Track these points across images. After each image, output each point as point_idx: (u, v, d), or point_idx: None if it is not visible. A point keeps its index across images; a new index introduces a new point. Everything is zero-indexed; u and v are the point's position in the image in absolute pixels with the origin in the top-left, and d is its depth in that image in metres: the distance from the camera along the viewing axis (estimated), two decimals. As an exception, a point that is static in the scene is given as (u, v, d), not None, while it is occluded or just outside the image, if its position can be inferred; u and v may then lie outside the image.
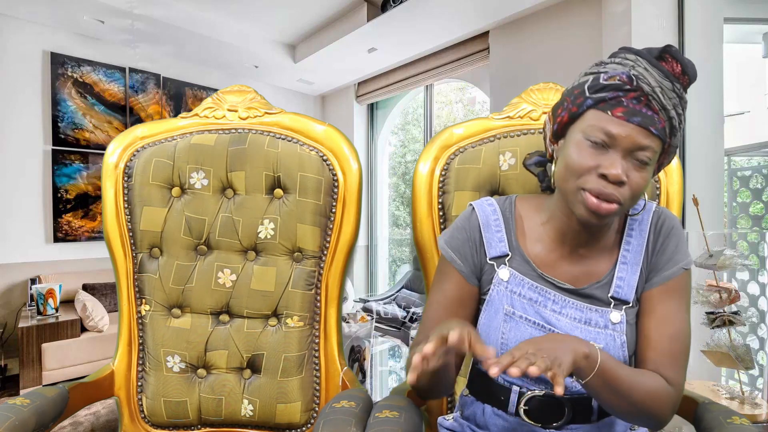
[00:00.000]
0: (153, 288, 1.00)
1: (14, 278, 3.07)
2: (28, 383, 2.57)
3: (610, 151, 0.59)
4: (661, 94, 0.59)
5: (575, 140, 0.62)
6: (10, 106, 3.03)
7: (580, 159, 0.61)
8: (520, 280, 0.70)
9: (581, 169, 0.61)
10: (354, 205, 0.99)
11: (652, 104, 0.58)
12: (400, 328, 3.04)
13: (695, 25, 2.12)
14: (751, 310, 1.86)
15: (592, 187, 0.60)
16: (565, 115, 0.65)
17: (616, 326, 0.66)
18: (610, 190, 0.59)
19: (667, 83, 0.59)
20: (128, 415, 1.02)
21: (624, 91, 0.59)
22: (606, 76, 0.61)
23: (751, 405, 1.27)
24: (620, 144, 0.59)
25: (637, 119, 0.58)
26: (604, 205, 0.59)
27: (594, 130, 0.60)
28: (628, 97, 0.59)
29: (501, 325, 0.69)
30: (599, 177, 0.59)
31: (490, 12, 2.97)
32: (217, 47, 3.59)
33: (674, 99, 0.60)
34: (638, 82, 0.59)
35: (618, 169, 0.58)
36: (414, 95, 4.49)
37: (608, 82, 0.60)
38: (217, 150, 1.00)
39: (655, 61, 0.60)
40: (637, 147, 0.58)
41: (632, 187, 0.59)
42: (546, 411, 0.68)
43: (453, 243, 0.74)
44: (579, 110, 0.63)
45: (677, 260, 0.67)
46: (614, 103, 0.59)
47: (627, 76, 0.59)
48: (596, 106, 0.61)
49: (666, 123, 0.59)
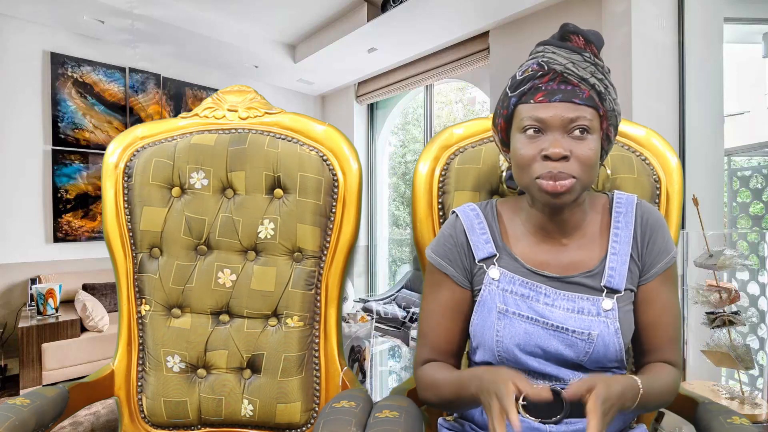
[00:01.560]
0: (153, 288, 1.00)
1: (14, 278, 3.07)
2: (28, 383, 2.57)
3: (547, 134, 0.63)
4: (573, 67, 0.62)
5: (515, 138, 0.67)
6: (10, 106, 3.03)
7: (523, 151, 0.64)
8: (511, 278, 0.70)
9: (527, 159, 0.64)
10: (354, 205, 0.99)
11: (569, 79, 0.62)
12: (400, 328, 3.04)
13: (695, 25, 2.12)
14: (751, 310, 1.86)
15: (541, 173, 0.62)
16: (501, 122, 0.70)
17: (609, 313, 0.67)
18: (558, 169, 0.62)
19: (576, 56, 0.63)
20: (128, 415, 1.02)
21: (538, 78, 0.63)
22: (520, 72, 0.66)
23: (751, 405, 1.27)
24: (551, 124, 0.62)
25: (558, 96, 0.62)
26: (558, 183, 0.62)
27: (525, 121, 0.64)
28: (544, 81, 0.63)
29: (495, 323, 0.69)
30: (543, 159, 0.62)
31: (490, 12, 2.97)
32: (217, 47, 3.59)
33: (589, 68, 0.63)
34: (549, 65, 0.63)
35: (557, 147, 0.61)
36: (414, 95, 4.49)
37: (523, 76, 0.65)
38: (217, 150, 1.00)
39: (559, 42, 0.65)
40: (568, 121, 0.62)
41: (581, 159, 0.62)
42: (544, 406, 0.68)
43: (441, 251, 0.75)
44: (509, 111, 0.67)
45: (668, 251, 0.71)
46: (533, 92, 0.64)
47: (537, 63, 0.64)
48: (520, 101, 0.65)
49: (590, 91, 0.62)
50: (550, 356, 0.68)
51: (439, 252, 0.76)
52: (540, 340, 0.67)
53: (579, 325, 0.67)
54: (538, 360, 0.68)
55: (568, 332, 0.67)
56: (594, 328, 0.66)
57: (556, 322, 0.67)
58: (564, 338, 0.67)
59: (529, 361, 0.68)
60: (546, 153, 0.62)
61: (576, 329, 0.66)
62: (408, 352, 3.05)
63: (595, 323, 0.67)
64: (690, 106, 2.12)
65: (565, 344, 0.67)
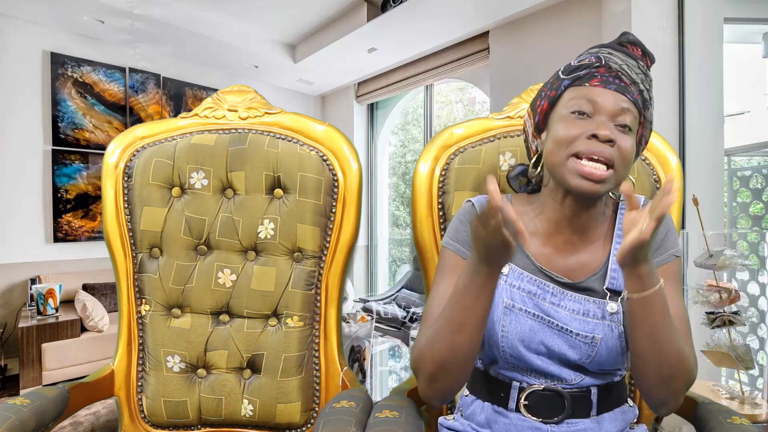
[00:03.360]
0: (153, 288, 1.00)
1: (14, 278, 3.07)
2: (28, 383, 2.57)
3: (595, 117, 0.63)
4: (628, 69, 0.64)
5: (560, 118, 0.66)
6: (10, 106, 3.03)
7: (568, 130, 0.64)
8: (519, 274, 0.70)
9: (570, 138, 0.63)
10: (354, 205, 0.99)
11: (622, 78, 0.64)
12: (400, 328, 3.04)
13: (695, 25, 2.12)
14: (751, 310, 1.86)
15: (582, 149, 0.62)
16: (545, 103, 0.69)
17: (614, 316, 0.67)
18: (601, 148, 0.61)
19: (632, 61, 0.65)
20: (128, 415, 1.02)
21: (595, 68, 0.65)
22: (576, 60, 0.67)
23: (751, 405, 1.27)
24: (603, 108, 0.62)
25: (613, 86, 0.63)
26: (596, 171, 0.61)
27: (575, 101, 0.64)
28: (600, 72, 0.64)
29: (501, 317, 0.69)
30: (589, 138, 0.62)
31: (490, 12, 2.97)
32: (217, 47, 3.59)
33: (640, 75, 0.65)
34: (605, 61, 0.64)
35: (606, 129, 0.61)
36: (414, 95, 4.48)
37: (579, 63, 0.66)
38: (217, 150, 1.00)
39: (617, 46, 0.67)
40: (619, 110, 0.62)
41: (621, 151, 0.62)
42: (546, 406, 0.68)
43: (459, 237, 0.74)
44: (557, 93, 0.67)
45: (667, 247, 0.70)
46: (589, 77, 0.64)
47: (595, 56, 0.66)
48: (572, 84, 0.66)
49: (638, 95, 0.64)
50: (553, 355, 0.68)
51: (458, 239, 0.74)
52: (544, 338, 0.67)
53: (583, 327, 0.66)
54: (542, 358, 0.68)
55: (572, 334, 0.66)
56: (598, 331, 0.66)
57: (561, 322, 0.67)
58: (567, 339, 0.67)
59: (532, 359, 0.68)
60: (594, 132, 0.61)
61: (580, 332, 0.66)
62: (408, 352, 3.05)
63: (600, 326, 0.66)
64: (690, 106, 2.12)
65: (569, 345, 0.67)
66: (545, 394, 0.68)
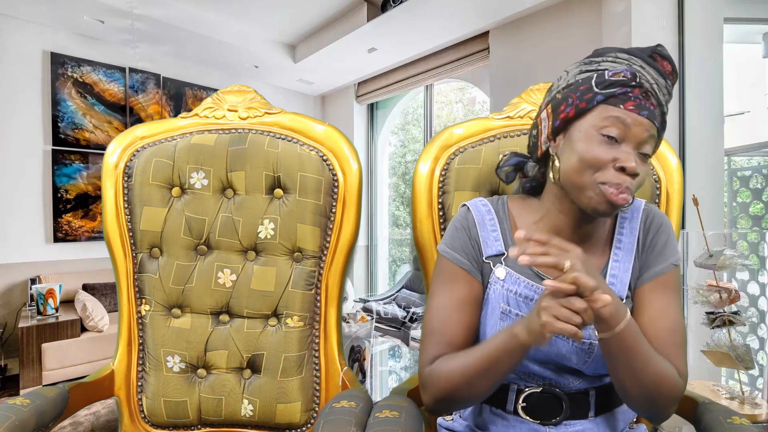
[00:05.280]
0: (153, 288, 1.00)
1: (14, 278, 3.07)
2: (28, 383, 2.57)
3: (622, 145, 0.61)
4: (658, 90, 0.62)
5: (586, 134, 0.63)
6: (10, 106, 3.03)
7: (596, 153, 0.61)
8: (516, 279, 0.70)
9: (599, 163, 0.61)
10: (354, 205, 0.99)
11: (651, 100, 0.61)
12: (400, 328, 3.04)
13: (695, 25, 2.12)
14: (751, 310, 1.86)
15: (611, 180, 0.61)
16: (570, 111, 0.65)
17: None
18: (626, 183, 0.60)
19: (662, 80, 0.62)
20: (128, 415, 1.02)
21: (630, 86, 0.61)
22: (610, 72, 0.62)
23: (751, 405, 1.27)
24: (633, 137, 0.61)
25: (645, 112, 0.60)
26: (621, 195, 0.61)
27: (608, 123, 0.61)
28: (635, 93, 0.61)
29: (497, 323, 0.69)
30: (618, 170, 0.61)
31: (490, 12, 2.97)
32: (217, 47, 3.59)
33: (666, 96, 0.63)
34: (640, 78, 0.61)
35: (633, 162, 0.60)
36: (414, 95, 4.48)
37: (615, 78, 0.61)
38: (217, 150, 1.00)
39: (649, 60, 0.62)
40: (645, 139, 0.61)
41: (638, 180, 0.62)
42: (544, 407, 0.68)
43: (456, 244, 0.74)
44: (588, 105, 0.63)
45: (667, 256, 0.69)
46: (624, 98, 0.61)
47: (631, 72, 0.61)
48: (606, 101, 0.62)
49: (661, 118, 0.63)
50: (549, 360, 0.68)
51: (454, 246, 0.73)
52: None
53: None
54: (538, 363, 0.68)
55: (568, 340, 0.66)
56: (594, 337, 0.65)
57: None
58: (564, 345, 0.66)
59: (529, 364, 0.68)
60: (623, 165, 0.60)
61: None
62: (408, 352, 3.05)
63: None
64: (690, 106, 2.12)
65: (565, 351, 0.66)
66: (543, 396, 0.68)
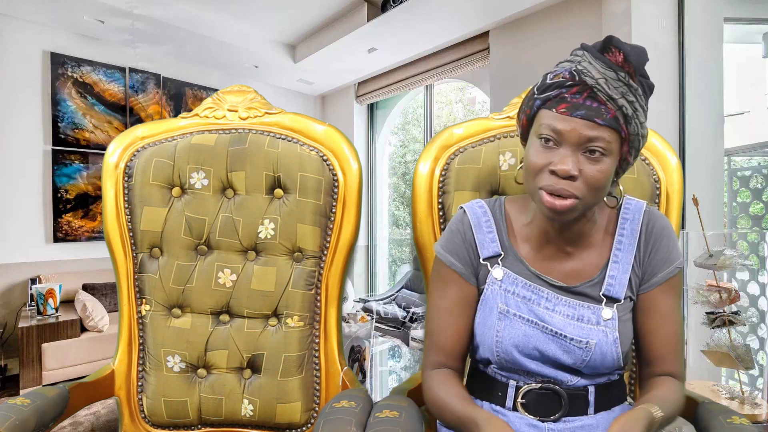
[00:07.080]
0: (153, 288, 1.00)
1: (14, 278, 3.07)
2: (28, 383, 2.57)
3: (560, 148, 0.61)
4: (605, 84, 0.59)
5: (531, 141, 0.66)
6: (10, 106, 3.03)
7: (534, 158, 0.63)
8: (514, 279, 0.70)
9: (535, 168, 0.63)
10: (354, 205, 0.99)
11: (597, 96, 0.59)
12: (400, 328, 3.04)
13: (695, 25, 2.12)
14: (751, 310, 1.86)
15: (545, 185, 0.62)
16: (523, 119, 0.68)
17: (608, 322, 0.67)
18: (561, 185, 0.60)
19: (611, 73, 0.60)
20: (128, 415, 1.02)
21: (566, 87, 0.61)
22: (552, 75, 0.63)
23: (751, 405, 1.27)
24: (567, 139, 0.60)
25: (581, 112, 0.59)
26: (558, 201, 0.61)
27: (543, 129, 0.62)
28: (571, 93, 0.60)
29: (495, 323, 0.69)
30: (551, 174, 0.61)
31: (490, 12, 2.97)
32: (217, 47, 3.59)
33: (621, 88, 0.60)
34: (581, 76, 0.60)
35: (567, 164, 0.60)
36: (414, 95, 4.48)
37: (552, 81, 0.62)
38: (218, 150, 1.00)
39: (597, 54, 0.61)
40: (585, 139, 0.60)
41: (588, 181, 0.60)
42: (543, 404, 0.69)
43: (450, 247, 0.75)
44: (531, 112, 0.65)
45: (672, 260, 0.70)
46: (558, 101, 0.61)
47: (569, 72, 0.61)
48: (544, 105, 0.63)
49: (616, 112, 0.60)
50: (547, 359, 0.68)
51: (448, 248, 0.75)
52: (538, 344, 0.67)
53: (578, 333, 0.66)
54: (536, 362, 0.68)
55: (566, 339, 0.67)
56: (592, 336, 0.66)
57: (555, 327, 0.67)
58: (562, 344, 0.67)
59: (527, 363, 0.68)
60: (553, 168, 0.60)
61: (574, 337, 0.66)
62: (408, 352, 3.05)
63: (594, 332, 0.66)
64: (690, 106, 2.12)
65: (563, 350, 0.67)
66: (542, 393, 0.68)
